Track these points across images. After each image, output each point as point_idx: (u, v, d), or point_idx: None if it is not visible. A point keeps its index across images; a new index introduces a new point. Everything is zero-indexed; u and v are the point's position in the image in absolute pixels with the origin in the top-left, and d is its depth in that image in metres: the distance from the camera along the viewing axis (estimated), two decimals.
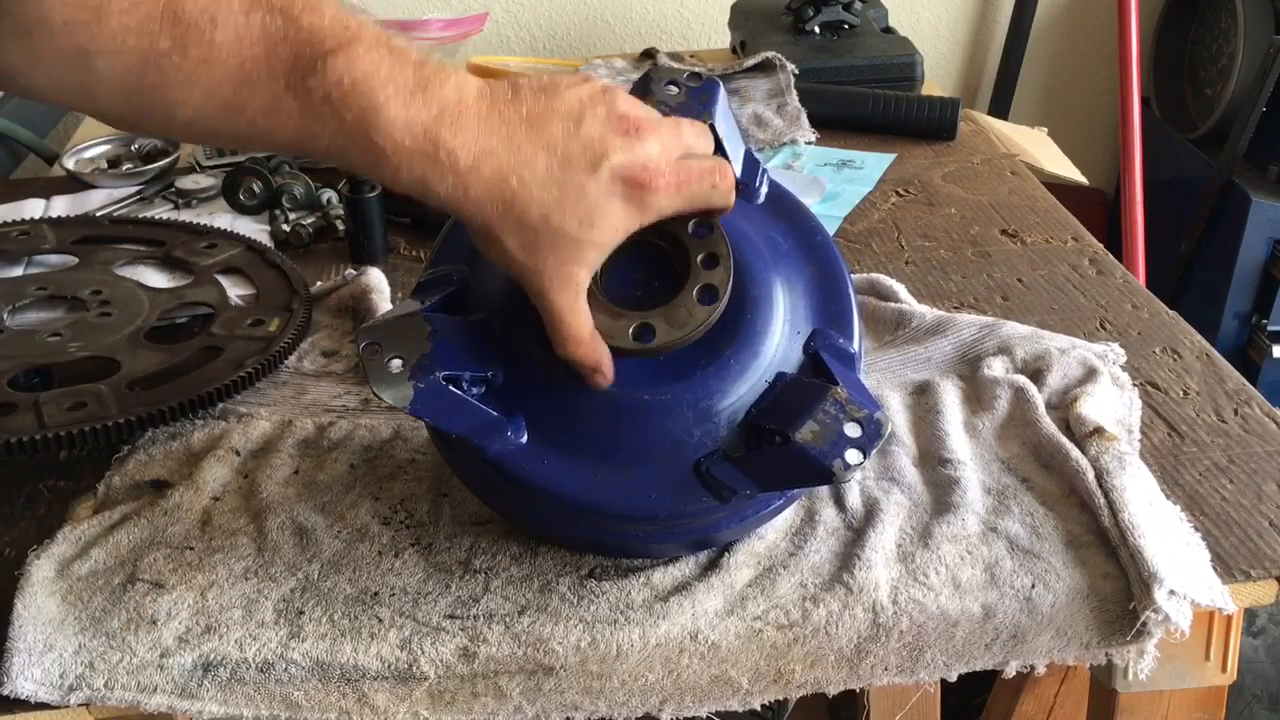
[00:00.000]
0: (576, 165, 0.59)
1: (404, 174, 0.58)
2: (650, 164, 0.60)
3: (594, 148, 0.59)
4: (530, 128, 0.59)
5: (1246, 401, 0.86)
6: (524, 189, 0.58)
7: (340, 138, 0.57)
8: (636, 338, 0.64)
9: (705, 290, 0.65)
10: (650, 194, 0.60)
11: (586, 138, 0.59)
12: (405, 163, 0.58)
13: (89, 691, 0.65)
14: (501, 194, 0.58)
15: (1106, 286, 1.03)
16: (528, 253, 0.60)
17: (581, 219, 0.59)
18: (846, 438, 0.62)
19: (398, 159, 0.57)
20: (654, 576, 0.70)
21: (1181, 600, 0.66)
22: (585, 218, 0.59)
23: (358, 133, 0.57)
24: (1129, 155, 2.14)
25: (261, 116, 0.57)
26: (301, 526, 0.74)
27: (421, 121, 0.57)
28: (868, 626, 0.68)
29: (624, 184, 0.59)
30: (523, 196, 0.58)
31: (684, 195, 0.62)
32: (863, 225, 1.17)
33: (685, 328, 0.64)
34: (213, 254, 1.07)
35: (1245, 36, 2.02)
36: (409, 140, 0.57)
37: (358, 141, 0.57)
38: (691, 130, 0.64)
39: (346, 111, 0.56)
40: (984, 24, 2.29)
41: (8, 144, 1.44)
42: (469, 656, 0.67)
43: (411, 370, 0.62)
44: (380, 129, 0.57)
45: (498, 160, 0.58)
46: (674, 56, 1.63)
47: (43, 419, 0.81)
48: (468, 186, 0.58)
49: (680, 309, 0.64)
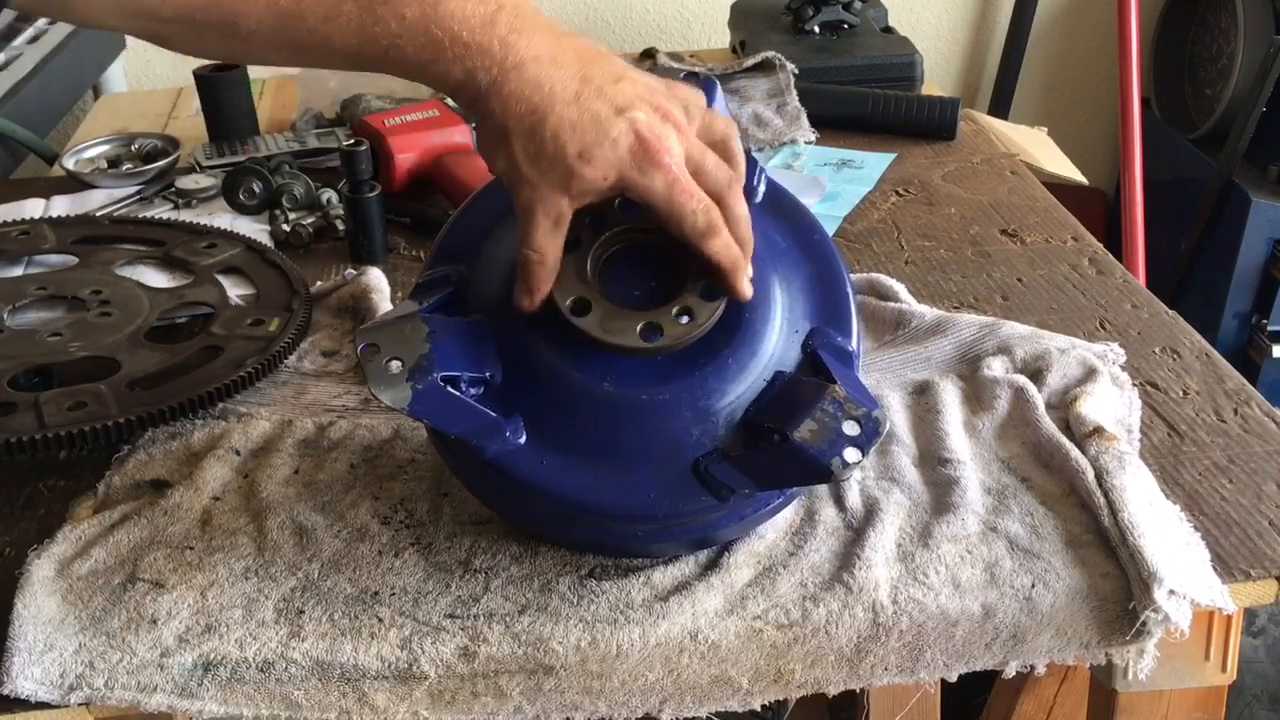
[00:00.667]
0: (604, 100, 0.62)
1: (456, 68, 0.62)
2: (665, 140, 0.62)
3: (624, 99, 0.62)
4: (578, 57, 0.63)
5: (1246, 401, 0.86)
6: (551, 101, 0.61)
7: (399, 37, 0.61)
8: (643, 336, 0.64)
9: (706, 289, 0.65)
10: (650, 163, 0.62)
11: (622, 90, 0.62)
12: (460, 55, 0.61)
13: (89, 691, 0.65)
14: (531, 98, 0.61)
15: (1106, 286, 1.03)
16: (529, 161, 0.62)
17: (581, 150, 0.61)
18: (845, 436, 0.62)
19: (454, 51, 0.61)
20: (654, 576, 0.70)
21: (1181, 600, 0.66)
22: (585, 150, 0.61)
23: (418, 28, 0.61)
24: (1129, 155, 2.14)
25: (321, 24, 0.61)
26: (301, 526, 0.75)
27: (481, 15, 0.61)
28: (868, 626, 0.68)
29: (635, 136, 0.62)
30: (546, 107, 0.61)
31: (672, 199, 0.63)
32: (863, 225, 1.17)
33: (687, 327, 0.64)
34: (213, 254, 1.07)
35: (1245, 36, 2.02)
36: (466, 32, 0.61)
37: (416, 38, 0.61)
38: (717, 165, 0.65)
39: (407, 7, 0.60)
40: (984, 24, 2.29)
41: (8, 144, 1.44)
42: (469, 656, 0.67)
43: (410, 371, 0.62)
44: (440, 22, 0.60)
45: (540, 67, 0.61)
46: (674, 56, 1.64)
47: (43, 419, 0.81)
48: (506, 81, 0.61)
49: (682, 308, 0.64)
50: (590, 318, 0.64)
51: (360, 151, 1.08)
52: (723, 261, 0.64)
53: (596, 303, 0.64)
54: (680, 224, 0.63)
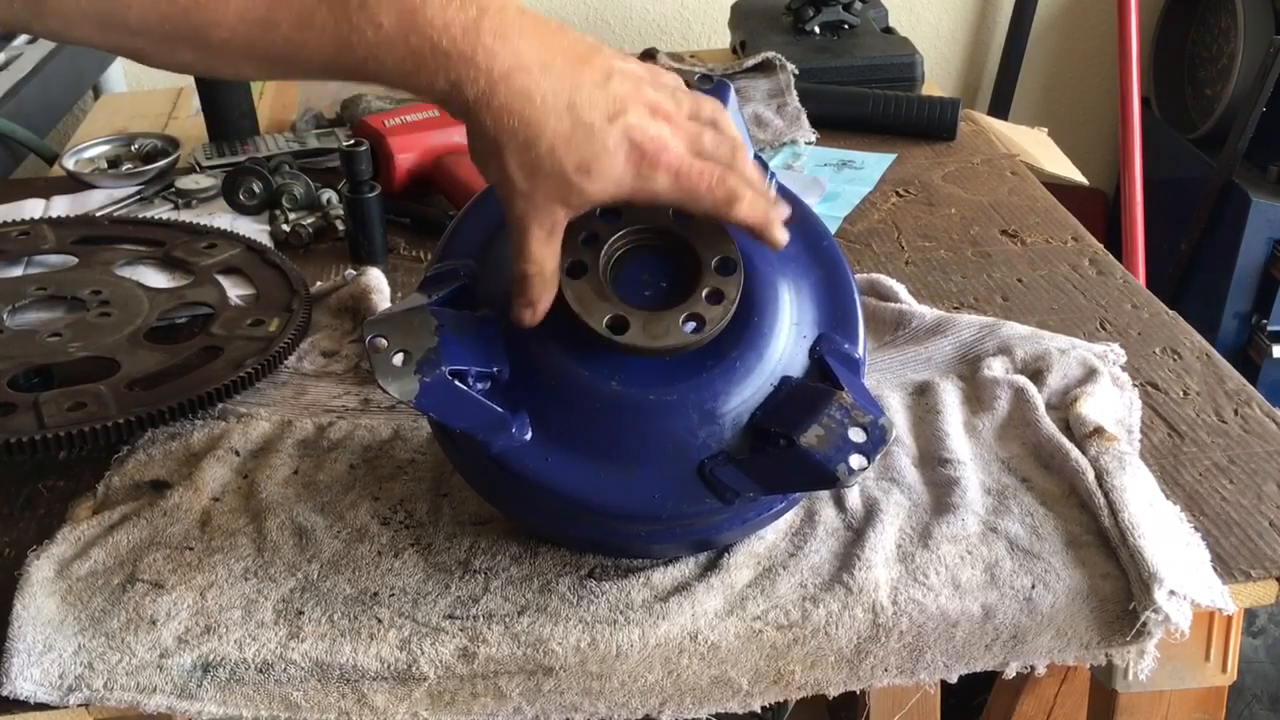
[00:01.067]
0: (596, 109, 0.60)
1: (439, 79, 0.59)
2: (660, 140, 0.61)
3: (615, 103, 0.61)
4: (566, 60, 0.60)
5: (1246, 401, 0.86)
6: (544, 114, 0.59)
7: (377, 46, 0.58)
8: (658, 337, 0.64)
9: (716, 292, 0.65)
10: (651, 167, 0.61)
11: (612, 92, 0.61)
12: (443, 65, 0.58)
13: (88, 692, 0.65)
14: (523, 111, 0.59)
15: (1106, 286, 1.03)
16: (524, 175, 0.61)
17: (579, 164, 0.60)
18: (851, 442, 0.62)
19: (436, 62, 0.58)
20: (654, 577, 0.70)
21: (1181, 600, 0.66)
22: (583, 163, 0.60)
23: (396, 37, 0.57)
24: (1129, 155, 2.14)
25: (295, 32, 0.58)
26: (301, 527, 0.74)
27: (461, 22, 0.58)
28: (868, 627, 0.68)
29: (630, 145, 0.61)
30: (539, 119, 0.59)
31: (683, 187, 0.62)
32: (863, 225, 1.17)
33: (722, 309, 0.64)
34: (213, 254, 1.07)
35: (1245, 36, 2.02)
36: (447, 41, 0.58)
37: (395, 48, 0.58)
38: (715, 138, 0.64)
39: (384, 15, 0.57)
40: (984, 24, 2.29)
41: (8, 144, 1.44)
42: (468, 657, 0.66)
43: (417, 364, 0.62)
44: (419, 30, 0.57)
45: (528, 77, 0.59)
46: (674, 56, 1.63)
47: (42, 419, 0.81)
48: (495, 93, 0.59)
49: (693, 309, 0.64)
50: (633, 331, 0.64)
51: (360, 152, 1.08)
52: (754, 223, 0.64)
53: (630, 315, 0.64)
54: (699, 205, 0.63)
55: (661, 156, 0.61)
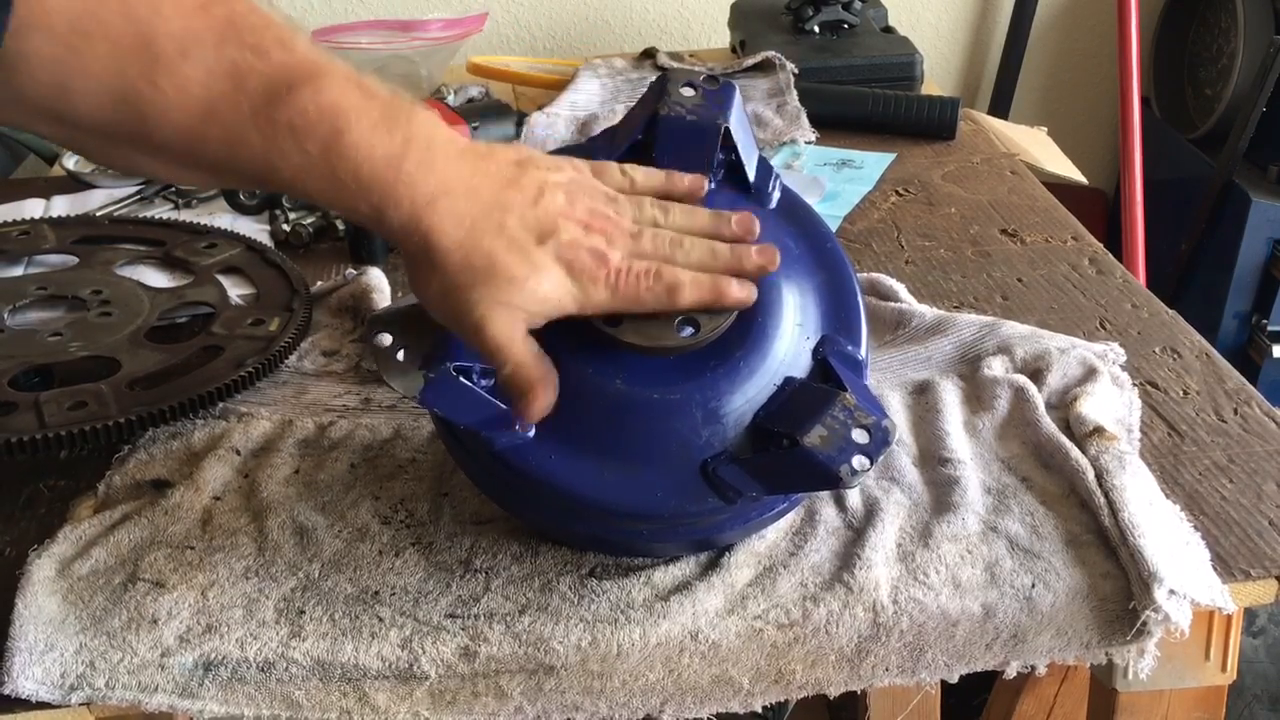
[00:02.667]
0: (527, 231, 0.60)
1: (362, 204, 0.58)
2: (595, 253, 0.61)
3: (546, 222, 0.60)
4: (493, 183, 0.60)
5: (1246, 401, 0.87)
6: (476, 234, 0.59)
7: (303, 170, 0.57)
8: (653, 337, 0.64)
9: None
10: (591, 282, 0.61)
11: (543, 211, 0.60)
12: (364, 193, 0.58)
13: (90, 691, 0.65)
14: (454, 233, 0.59)
15: (1106, 286, 1.03)
16: (467, 290, 0.60)
17: (515, 283, 0.60)
18: (854, 444, 0.62)
19: (359, 188, 0.58)
20: (654, 576, 0.70)
21: (1181, 600, 0.67)
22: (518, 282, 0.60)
23: (320, 162, 0.57)
24: (1129, 155, 2.14)
25: (225, 148, 0.57)
26: (302, 526, 0.75)
27: (385, 151, 0.57)
28: (868, 626, 0.68)
29: (564, 264, 0.61)
30: (470, 242, 0.59)
31: (622, 295, 0.62)
32: (863, 225, 1.17)
33: (720, 319, 0.64)
34: (213, 254, 1.07)
35: (1245, 36, 2.02)
36: (368, 169, 0.57)
37: (319, 170, 0.57)
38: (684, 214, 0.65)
39: (309, 141, 0.57)
40: (984, 24, 2.29)
41: (8, 144, 1.44)
42: (469, 656, 0.67)
43: (422, 360, 0.62)
44: (343, 156, 0.57)
45: (454, 202, 0.59)
46: (674, 56, 1.63)
47: (43, 419, 0.81)
48: (421, 218, 0.58)
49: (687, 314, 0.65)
50: (625, 327, 0.64)
51: None
52: (701, 304, 0.64)
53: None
54: (644, 308, 0.63)
55: (597, 272, 0.61)
